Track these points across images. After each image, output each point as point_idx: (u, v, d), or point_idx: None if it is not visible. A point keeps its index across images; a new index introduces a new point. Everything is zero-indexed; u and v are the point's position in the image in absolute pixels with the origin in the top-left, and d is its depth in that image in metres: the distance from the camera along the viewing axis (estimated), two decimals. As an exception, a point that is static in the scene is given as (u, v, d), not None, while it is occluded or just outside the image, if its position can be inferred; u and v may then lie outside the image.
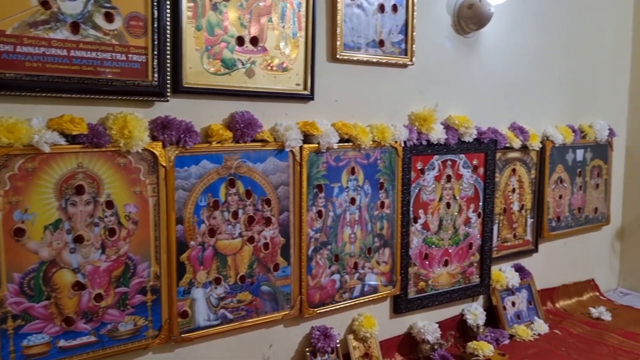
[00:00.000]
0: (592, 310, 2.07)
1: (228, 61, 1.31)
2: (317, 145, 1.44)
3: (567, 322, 1.98)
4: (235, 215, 1.34)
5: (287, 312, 1.44)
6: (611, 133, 2.23)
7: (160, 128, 1.21)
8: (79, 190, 1.13)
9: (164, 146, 1.22)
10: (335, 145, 1.47)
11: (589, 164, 2.19)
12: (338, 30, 1.47)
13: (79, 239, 1.13)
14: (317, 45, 1.44)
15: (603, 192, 2.27)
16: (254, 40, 1.34)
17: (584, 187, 2.19)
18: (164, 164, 1.22)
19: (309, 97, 1.45)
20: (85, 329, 1.16)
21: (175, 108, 1.25)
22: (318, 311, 1.49)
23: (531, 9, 1.95)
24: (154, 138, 1.21)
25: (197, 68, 1.26)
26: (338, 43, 1.47)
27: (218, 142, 1.29)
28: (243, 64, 1.33)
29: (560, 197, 2.10)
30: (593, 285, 2.28)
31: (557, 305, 2.14)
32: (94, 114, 1.15)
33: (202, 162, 1.28)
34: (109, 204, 1.16)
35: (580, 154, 2.15)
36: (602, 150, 2.23)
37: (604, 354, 1.75)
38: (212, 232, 1.31)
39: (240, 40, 1.32)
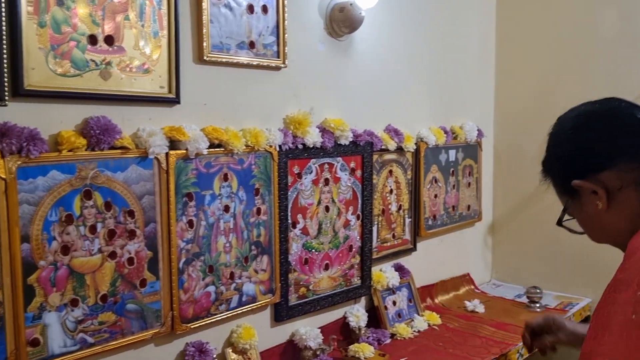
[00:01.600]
0: (468, 303, 2.17)
1: (79, 61, 1.20)
2: (185, 151, 1.36)
3: (445, 317, 2.05)
4: (93, 229, 1.23)
5: (157, 330, 1.35)
6: (480, 134, 2.34)
7: (-2, 135, 1.08)
8: None
9: (2, 156, 1.08)
10: (205, 151, 1.40)
11: (461, 163, 2.30)
12: (204, 30, 1.40)
13: None
14: (182, 46, 1.37)
15: (474, 190, 2.39)
16: (109, 40, 1.24)
17: (457, 186, 2.28)
18: (3, 176, 1.08)
19: (175, 101, 1.37)
20: None
21: (16, 113, 1.11)
22: (192, 326, 1.41)
23: (402, 13, 2.00)
24: (-10, 147, 1.07)
25: (41, 69, 1.14)
26: (205, 44, 1.41)
27: (69, 151, 1.18)
28: (97, 65, 1.23)
29: (436, 196, 2.18)
30: (469, 279, 2.39)
31: (436, 300, 2.21)
32: None
33: (51, 173, 1.16)
34: None
35: (452, 154, 2.24)
36: (472, 150, 2.35)
37: (476, 345, 1.83)
38: (66, 249, 1.19)
39: (92, 39, 1.21)
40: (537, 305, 2.16)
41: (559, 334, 1.29)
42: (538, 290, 2.17)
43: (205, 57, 1.41)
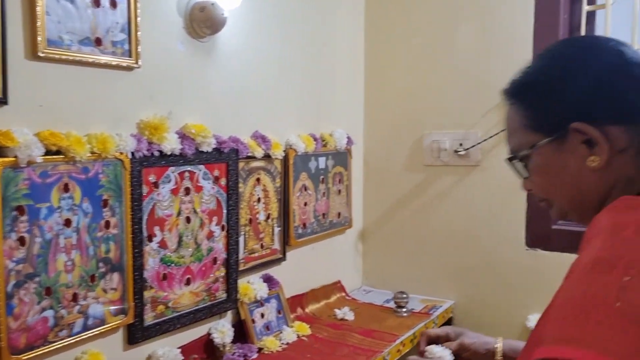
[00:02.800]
0: (337, 311, 2.16)
1: None
2: (14, 158, 1.20)
3: (314, 327, 2.02)
4: None
5: (-21, 366, 1.17)
6: (349, 141, 2.36)
7: None
8: None
9: None
10: (40, 159, 1.24)
11: (331, 171, 2.29)
12: (39, 23, 1.24)
13: None
14: (10, 40, 1.20)
15: (345, 197, 2.40)
16: None
17: (327, 193, 2.27)
18: None
19: (1, 102, 1.20)
20: None
21: None
22: (24, 358, 1.24)
23: (269, 17, 1.95)
24: None
25: None
26: (40, 38, 1.25)
27: None
28: None
29: (305, 204, 2.15)
30: (340, 286, 2.39)
31: (307, 310, 2.18)
32: None
33: None
34: None
35: (322, 161, 2.23)
36: (342, 157, 2.36)
37: (344, 354, 1.81)
38: None
39: None
40: (404, 309, 2.21)
41: (463, 338, 1.24)
42: (405, 295, 2.22)
43: (39, 53, 1.25)
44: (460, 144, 2.27)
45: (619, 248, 0.66)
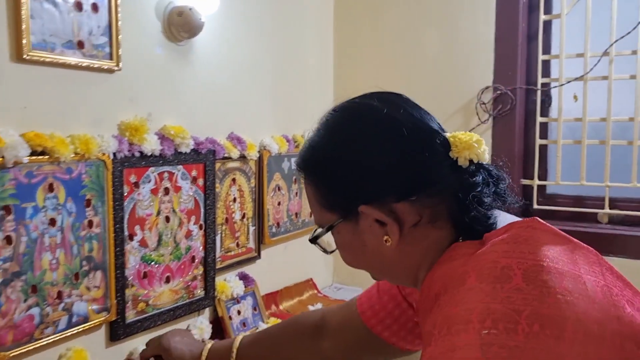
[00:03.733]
0: (310, 307, 2.22)
1: None
2: (1, 159, 1.22)
3: (290, 322, 2.08)
4: None
5: (-34, 363, 1.18)
6: (321, 143, 2.43)
7: None
8: None
9: None
10: (26, 159, 1.27)
11: (303, 171, 2.36)
12: (23, 26, 1.27)
13: None
14: (-4, 42, 1.23)
15: (316, 197, 2.46)
16: None
17: (299, 193, 2.34)
18: None
19: (-12, 103, 1.22)
20: None
21: None
22: (12, 354, 1.26)
23: (244, 22, 2.00)
24: None
25: None
26: (24, 41, 1.28)
27: None
28: None
29: (279, 203, 2.21)
30: (312, 284, 2.46)
31: (281, 307, 2.24)
32: None
33: None
34: None
35: (294, 162, 2.29)
36: (313, 158, 2.42)
37: (320, 347, 1.88)
38: None
39: None
40: (375, 304, 2.29)
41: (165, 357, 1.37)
42: (375, 290, 2.30)
43: (25, 56, 1.28)
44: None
45: (467, 300, 0.63)
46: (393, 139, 0.77)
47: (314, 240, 0.87)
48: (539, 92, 2.27)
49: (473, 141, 0.77)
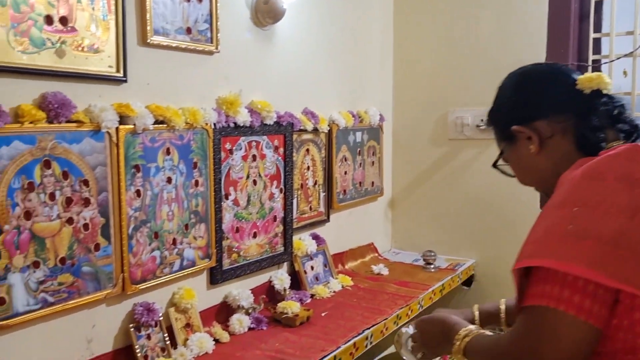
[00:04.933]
0: (374, 267, 2.45)
1: (37, 40, 1.28)
2: (132, 126, 1.49)
3: (355, 279, 2.32)
4: (52, 197, 1.32)
5: (109, 291, 1.46)
6: (381, 118, 2.64)
7: (-34, 107, 1.15)
8: None
9: (-30, 126, 1.16)
10: (151, 127, 1.53)
11: (366, 144, 2.57)
12: (148, 16, 1.53)
13: None
14: (128, 29, 1.49)
15: (377, 168, 2.68)
16: (64, 20, 1.34)
17: (363, 164, 2.56)
18: (-28, 145, 1.16)
19: (122, 80, 1.48)
20: None
21: (-21, 86, 1.19)
22: (140, 287, 1.54)
23: (317, 9, 2.22)
24: (-42, 117, 1.14)
25: (2, 46, 1.22)
26: (148, 28, 1.53)
27: (30, 123, 1.26)
28: (53, 44, 1.32)
29: (345, 173, 2.44)
30: (373, 248, 2.68)
31: (347, 266, 2.48)
32: None
33: (13, 143, 1.24)
34: None
35: (359, 135, 2.51)
36: (375, 132, 2.64)
37: (384, 300, 2.11)
38: (28, 214, 1.28)
39: (48, 19, 1.30)
40: (432, 266, 2.50)
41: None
42: (432, 253, 2.51)
43: (148, 41, 1.54)
44: (482, 120, 2.55)
45: (569, 191, 0.94)
46: (538, 79, 1.13)
47: (494, 164, 1.20)
48: (590, 68, 2.41)
49: (595, 76, 1.06)
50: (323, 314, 1.95)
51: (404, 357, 1.69)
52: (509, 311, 1.36)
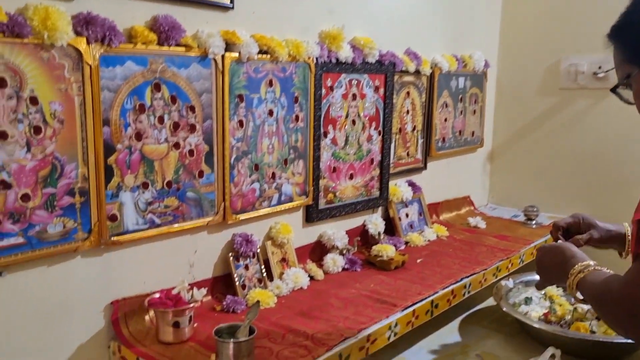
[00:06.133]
0: (470, 219, 2.35)
1: (150, -40, 1.28)
2: (237, 55, 1.47)
3: (451, 230, 2.24)
4: (161, 120, 1.34)
5: (211, 219, 1.48)
6: (486, 64, 2.48)
7: (84, 24, 1.17)
8: (1, 83, 1.06)
9: (88, 43, 1.17)
10: (255, 57, 1.50)
11: (468, 91, 2.44)
12: (256, -60, 1.48)
13: (2, 136, 1.08)
14: (236, -46, 1.45)
15: (479, 117, 2.54)
16: (175, -58, 1.32)
17: (464, 112, 2.43)
18: (89, 62, 1.18)
19: (229, 7, 1.46)
20: (13, 230, 1.11)
21: (95, 5, 1.20)
22: (240, 218, 1.55)
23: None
24: (77, 34, 1.16)
25: (118, -36, 1.22)
26: (256, -46, 1.49)
27: (143, 44, 1.27)
28: (164, -35, 1.31)
29: (445, 120, 2.33)
30: (469, 201, 2.57)
31: (441, 217, 2.39)
32: (9, 4, 1.08)
33: (127, 63, 1.26)
34: (33, 100, 1.11)
35: (461, 81, 2.38)
36: (478, 79, 2.49)
37: (482, 252, 2.01)
38: (139, 136, 1.30)
39: (161, -60, 1.29)
40: (533, 222, 2.36)
41: (592, 232, 1.33)
42: (535, 209, 2.37)
43: (255, -33, 1.50)
44: (600, 67, 2.33)
45: None
46: None
47: (614, 89, 1.03)
48: None
49: None
50: (418, 261, 1.90)
51: (504, 309, 1.63)
52: None
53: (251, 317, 1.20)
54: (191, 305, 1.31)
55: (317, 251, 1.83)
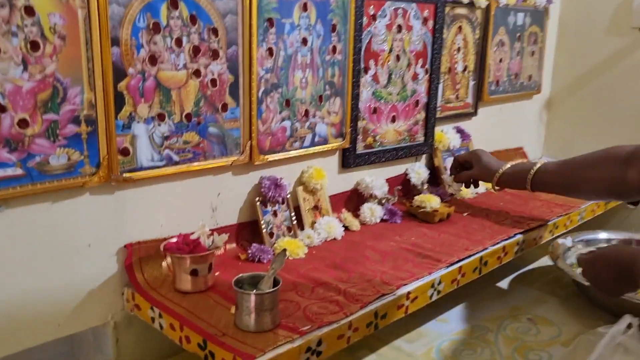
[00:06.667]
0: (524, 172, 2.14)
1: None
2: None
3: (502, 183, 2.04)
4: (178, 42, 1.17)
5: (236, 158, 1.33)
6: (548, 0, 2.21)
7: None
8: (-11, -13, 0.92)
9: (92, -54, 1.01)
10: (287, -26, 1.32)
11: (527, 29, 2.19)
12: None
13: (-7, 50, 0.94)
14: None
15: (537, 60, 2.29)
16: None
17: (521, 53, 2.19)
18: (94, -31, 1.02)
19: None
20: (10, 159, 0.99)
21: None
22: (268, 159, 1.40)
23: None
24: None
25: None
26: None
27: (157, -49, 1.10)
28: None
29: (500, 60, 2.09)
30: (522, 152, 2.35)
31: (491, 169, 2.18)
32: None
33: (138, -27, 1.09)
34: (29, 10, 0.96)
35: (520, 17, 2.13)
36: (539, 16, 2.23)
37: (537, 206, 1.82)
38: (154, 59, 1.14)
39: None
40: (594, 177, 2.13)
41: (474, 167, 1.49)
42: (597, 162, 2.13)
43: None
44: (683, 2, 2.04)
45: None
46: None
47: None
48: None
49: None
50: (465, 214, 1.72)
51: (561, 268, 1.46)
52: (539, 176, 1.35)
53: (276, 267, 1.06)
54: (211, 251, 1.18)
55: (354, 200, 1.67)
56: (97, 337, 1.24)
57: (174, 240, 1.20)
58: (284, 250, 1.14)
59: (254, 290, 1.03)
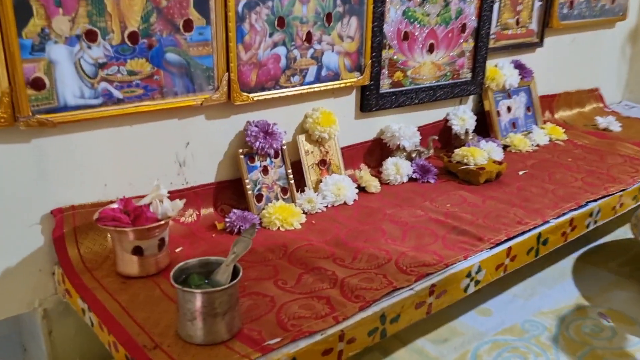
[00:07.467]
0: (599, 119, 1.72)
1: None
2: None
3: (570, 133, 1.63)
4: None
5: (208, 97, 0.99)
6: None
7: None
8: None
9: None
10: None
11: None
12: None
13: None
14: None
15: (625, -24, 1.81)
16: None
17: (605, -35, 1.71)
18: None
19: None
20: None
21: None
22: (255, 98, 1.05)
23: None
24: None
25: None
26: None
27: None
28: None
29: (577, -25, 1.64)
30: (597, 95, 1.92)
31: (556, 115, 1.78)
32: None
33: None
34: None
35: None
36: None
37: (618, 163, 1.42)
38: (73, -49, 0.81)
39: None
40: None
41: None
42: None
43: None
44: None
45: None
46: None
47: None
48: None
49: None
50: (521, 173, 1.34)
51: None
52: None
53: (238, 251, 0.74)
54: (160, 223, 0.86)
55: (375, 153, 1.33)
56: (24, 328, 0.98)
57: (115, 206, 0.89)
58: (254, 224, 0.81)
59: (200, 288, 0.71)
